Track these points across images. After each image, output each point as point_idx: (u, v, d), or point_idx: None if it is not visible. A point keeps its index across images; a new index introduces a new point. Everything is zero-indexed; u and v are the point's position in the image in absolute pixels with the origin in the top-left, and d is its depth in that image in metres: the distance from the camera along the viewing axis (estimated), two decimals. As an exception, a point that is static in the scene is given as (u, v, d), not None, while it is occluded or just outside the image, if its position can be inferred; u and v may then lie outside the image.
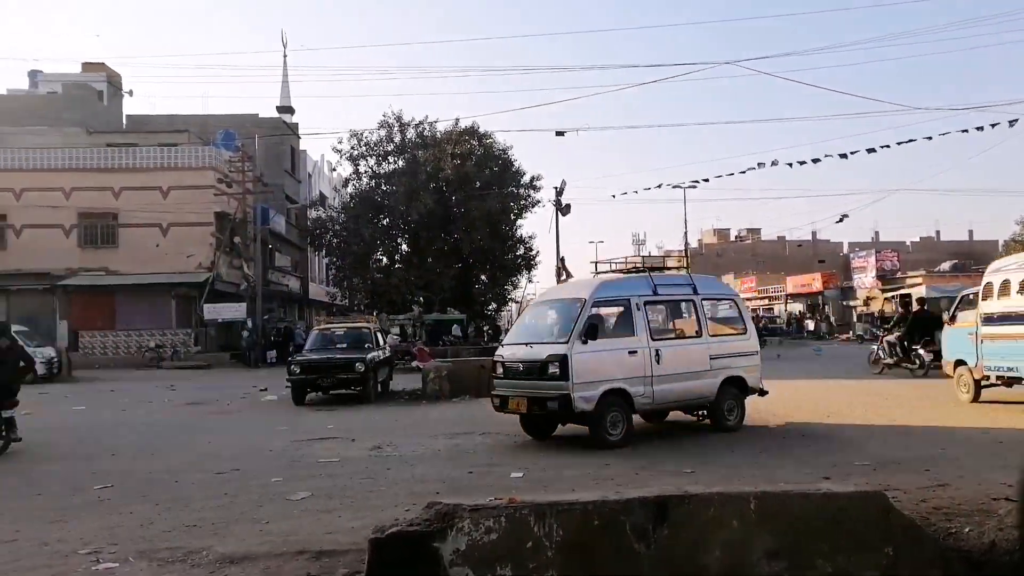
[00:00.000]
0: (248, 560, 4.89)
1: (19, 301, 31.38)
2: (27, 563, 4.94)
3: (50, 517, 6.19)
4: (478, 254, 36.32)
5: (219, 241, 32.61)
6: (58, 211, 31.74)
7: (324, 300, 45.76)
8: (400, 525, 3.86)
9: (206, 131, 37.33)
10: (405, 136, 36.65)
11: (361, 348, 16.23)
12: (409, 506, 5.73)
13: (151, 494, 6.98)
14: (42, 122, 36.84)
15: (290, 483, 7.32)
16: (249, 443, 10.21)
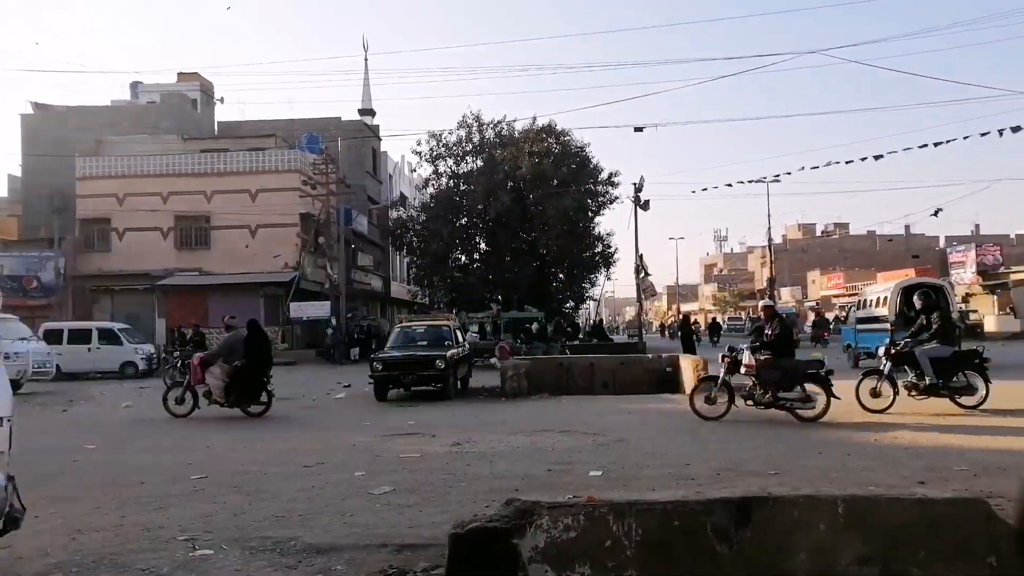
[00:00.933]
0: (333, 551, 5.03)
1: (122, 300, 33.24)
2: (133, 547, 5.22)
3: (152, 504, 6.51)
4: (555, 252, 36.28)
5: (304, 241, 33.66)
6: (156, 215, 33.44)
7: (405, 298, 46.61)
8: (479, 521, 3.90)
9: (292, 135, 38.62)
10: (483, 136, 36.94)
11: (441, 345, 16.45)
12: (488, 502, 5.78)
13: (242, 485, 7.26)
14: (142, 130, 38.84)
15: (373, 477, 7.49)
16: (333, 438, 10.49)
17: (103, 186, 33.91)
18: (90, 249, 34.31)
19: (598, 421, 11.31)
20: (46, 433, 11.70)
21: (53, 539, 5.46)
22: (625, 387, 16.17)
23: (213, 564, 4.82)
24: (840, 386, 10.69)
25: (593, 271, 40.20)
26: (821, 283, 67.59)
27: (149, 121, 40.47)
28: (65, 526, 5.80)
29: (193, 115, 43.91)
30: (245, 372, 12.78)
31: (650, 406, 13.51)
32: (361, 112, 48.63)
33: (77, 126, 38.91)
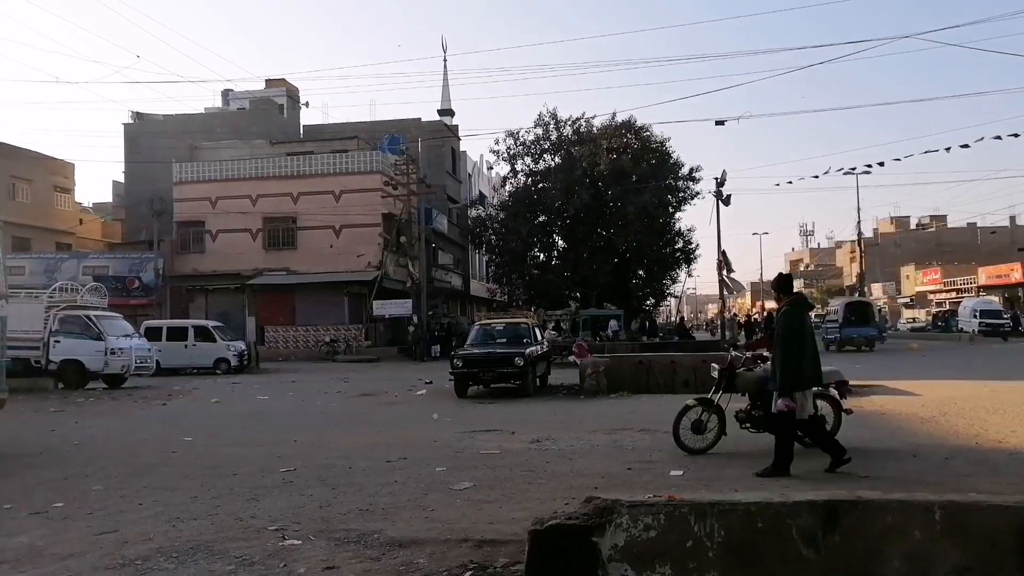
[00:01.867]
0: (415, 545, 5.13)
1: (215, 299, 34.73)
2: (227, 535, 5.46)
3: (244, 495, 6.78)
4: (635, 249, 35.90)
5: (386, 241, 34.37)
6: (246, 216, 34.78)
7: (484, 296, 46.99)
8: (559, 518, 3.89)
9: (373, 137, 39.49)
10: (561, 133, 36.86)
11: (520, 343, 16.52)
12: (568, 499, 5.77)
13: (328, 478, 7.48)
14: (233, 136, 40.46)
15: (454, 473, 7.59)
16: (415, 433, 10.68)
17: (197, 190, 35.49)
18: (186, 250, 35.96)
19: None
20: (148, 425, 12.35)
21: (155, 526, 5.76)
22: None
23: (301, 554, 4.98)
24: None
25: (673, 268, 39.61)
26: (916, 279, 64.56)
27: (239, 127, 42.10)
28: (166, 514, 6.11)
29: (280, 120, 45.43)
30: None
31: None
32: (440, 113, 49.31)
33: (174, 134, 40.84)
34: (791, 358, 6.89)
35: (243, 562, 4.82)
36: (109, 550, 5.14)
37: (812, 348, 7.11)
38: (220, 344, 25.86)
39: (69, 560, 4.95)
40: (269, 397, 16.92)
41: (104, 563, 4.86)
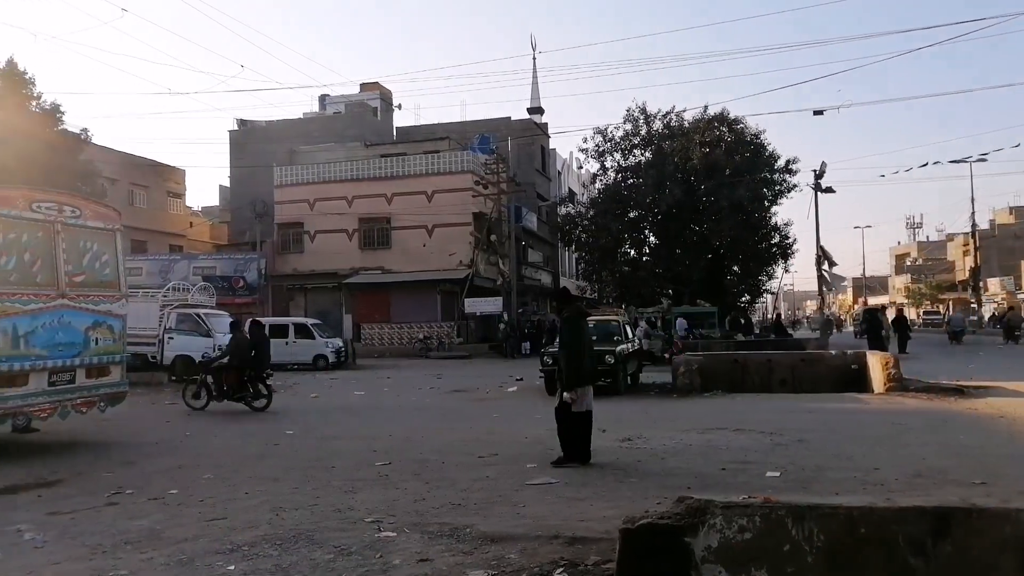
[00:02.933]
0: (507, 540, 5.18)
1: (314, 298, 36.02)
2: (326, 525, 5.67)
3: (343, 487, 7.02)
4: (729, 244, 35.01)
5: (477, 240, 34.79)
6: (343, 217, 35.89)
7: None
8: (651, 517, 3.85)
9: (464, 137, 40.01)
10: (651, 128, 36.31)
11: (610, 340, 16.40)
12: (660, 499, 5.70)
13: (422, 473, 7.65)
14: (329, 139, 41.81)
15: (544, 470, 7.62)
16: (506, 430, 10.77)
17: (296, 193, 36.86)
18: (287, 251, 37.43)
19: (776, 420, 10.80)
20: (252, 418, 12.94)
21: (260, 514, 6.03)
22: (805, 385, 15.34)
23: (396, 546, 5.11)
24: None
25: (769, 263, 38.40)
26: (1037, 272, 60.29)
27: (336, 130, 43.46)
28: (270, 503, 6.39)
29: (374, 122, 46.63)
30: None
31: (834, 406, 12.73)
32: (530, 111, 49.47)
33: (275, 139, 42.57)
34: (572, 360, 8.04)
35: (341, 552, 4.99)
36: (219, 535, 5.42)
37: (589, 351, 8.33)
38: (319, 341, 26.77)
39: (183, 544, 5.24)
40: (365, 393, 17.41)
41: (215, 548, 5.13)
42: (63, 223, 9.50)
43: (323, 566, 4.71)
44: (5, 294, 8.65)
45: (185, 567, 4.76)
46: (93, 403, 9.89)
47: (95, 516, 6.13)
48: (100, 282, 10.05)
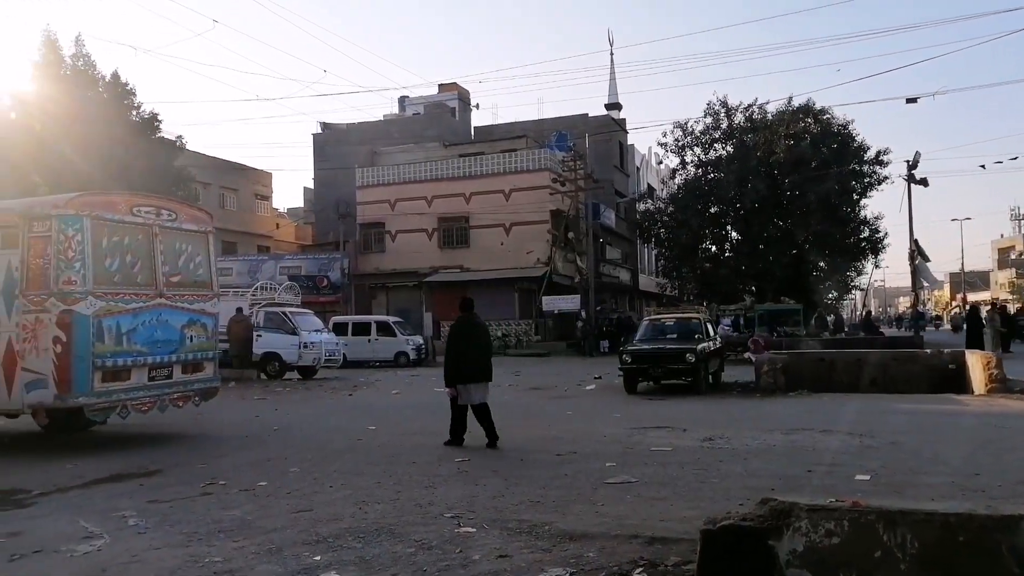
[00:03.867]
0: (585, 538, 5.16)
1: (395, 296, 36.75)
2: (408, 519, 5.77)
3: (423, 483, 7.13)
4: (815, 239, 33.87)
5: (555, 237, 34.77)
6: (422, 217, 36.49)
7: (654, 291, 46.30)
8: (733, 519, 3.77)
9: (541, 135, 40.04)
10: (732, 121, 35.46)
11: (691, 338, 16.12)
12: (742, 500, 5.58)
13: (501, 469, 7.70)
14: (409, 140, 42.56)
15: (623, 468, 7.55)
16: (585, 428, 10.73)
17: (378, 193, 37.67)
18: (368, 250, 38.31)
19: (866, 421, 10.41)
20: (336, 414, 13.30)
21: (344, 507, 6.20)
22: (897, 385, 14.72)
23: (476, 542, 5.17)
24: None
25: (858, 259, 36.95)
26: None
27: (415, 131, 44.21)
28: (353, 497, 6.56)
29: (452, 122, 47.19)
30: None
31: (929, 407, 12.17)
32: (607, 107, 49.11)
33: (356, 141, 43.62)
34: (449, 359, 9.46)
35: (422, 546, 5.07)
36: (305, 527, 5.60)
37: (473, 352, 9.41)
38: (400, 338, 27.30)
39: (272, 534, 5.44)
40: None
41: (301, 538, 5.30)
42: (161, 226, 9.99)
43: (404, 559, 4.80)
44: (109, 294, 9.16)
45: (274, 556, 4.93)
46: (188, 398, 10.37)
47: (191, 505, 6.42)
48: (194, 282, 10.52)
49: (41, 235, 8.92)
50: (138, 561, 4.88)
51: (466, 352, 9.40)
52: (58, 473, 7.90)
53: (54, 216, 8.93)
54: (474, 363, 9.38)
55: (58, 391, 8.70)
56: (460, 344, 9.48)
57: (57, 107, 24.08)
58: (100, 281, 9.05)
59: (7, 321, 8.94)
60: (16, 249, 9.01)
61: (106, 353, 9.01)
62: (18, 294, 8.91)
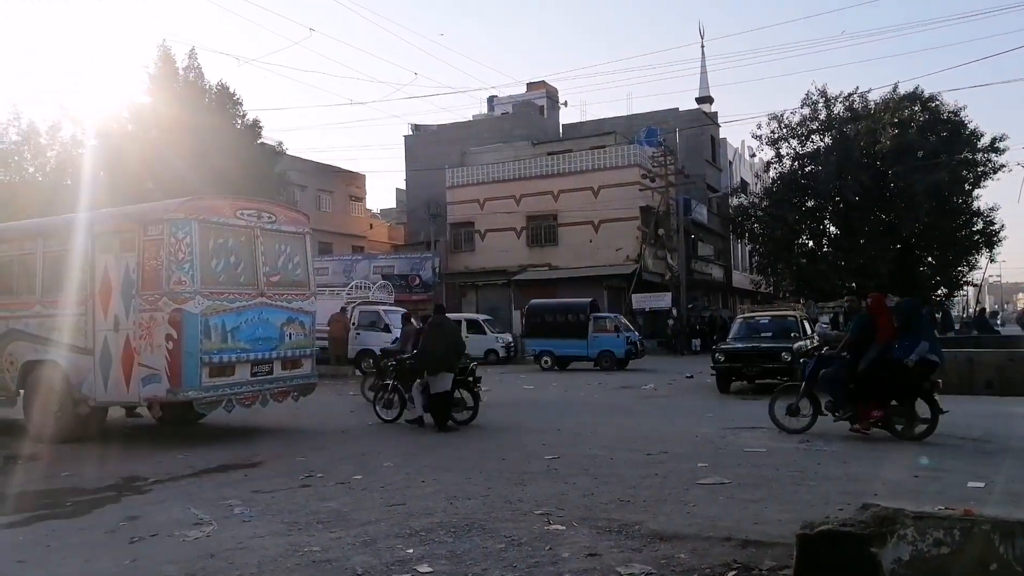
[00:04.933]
0: (677, 539, 5.08)
1: (484, 294, 37.10)
2: (498, 516, 5.83)
3: (513, 479, 7.19)
4: (922, 233, 32.17)
5: (644, 234, 34.33)
6: (511, 216, 36.70)
7: (747, 288, 45.10)
8: (832, 524, 3.64)
9: (630, 130, 39.58)
10: (831, 111, 34.10)
11: (787, 337, 15.63)
12: (842, 505, 5.37)
13: (590, 468, 7.67)
14: (498, 140, 42.88)
15: (716, 469, 7.40)
16: (676, 427, 10.57)
17: (467, 193, 38.15)
18: (458, 250, 38.85)
19: (980, 425, 9.84)
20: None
21: (435, 502, 6.32)
22: (1017, 387, 13.80)
23: (565, 539, 5.17)
24: None
25: (971, 252, 34.88)
26: None
27: (504, 130, 44.50)
28: (444, 492, 6.68)
29: (541, 121, 47.26)
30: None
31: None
32: (698, 100, 48.12)
33: (446, 141, 44.30)
34: (423, 352, 10.84)
35: (512, 542, 5.11)
36: (398, 520, 5.74)
37: (443, 347, 10.66)
38: (490, 336, 27.57)
39: (367, 526, 5.60)
40: (534, 387, 17.71)
41: (395, 531, 5.44)
42: (261, 228, 10.43)
43: (494, 555, 4.85)
44: (215, 293, 9.64)
45: (368, 547, 5.07)
46: (288, 393, 10.78)
47: (291, 496, 6.69)
48: (293, 281, 10.93)
49: (154, 238, 9.47)
50: (243, 548, 5.12)
51: (437, 347, 10.69)
52: (171, 463, 8.38)
53: (166, 220, 9.45)
54: (444, 355, 10.68)
55: (170, 385, 9.21)
56: (431, 340, 10.79)
57: (170, 117, 25.50)
58: (207, 281, 9.53)
59: (125, 320, 9.54)
60: (133, 252, 9.60)
61: (213, 350, 9.48)
62: (135, 294, 9.49)
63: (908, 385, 8.71)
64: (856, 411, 9.02)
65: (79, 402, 9.84)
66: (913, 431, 8.77)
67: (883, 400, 8.87)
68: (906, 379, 8.65)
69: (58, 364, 9.94)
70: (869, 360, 8.90)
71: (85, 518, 6.16)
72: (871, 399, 8.89)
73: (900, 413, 8.85)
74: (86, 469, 8.16)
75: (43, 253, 10.42)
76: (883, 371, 8.78)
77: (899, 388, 8.79)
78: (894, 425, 8.89)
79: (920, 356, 8.57)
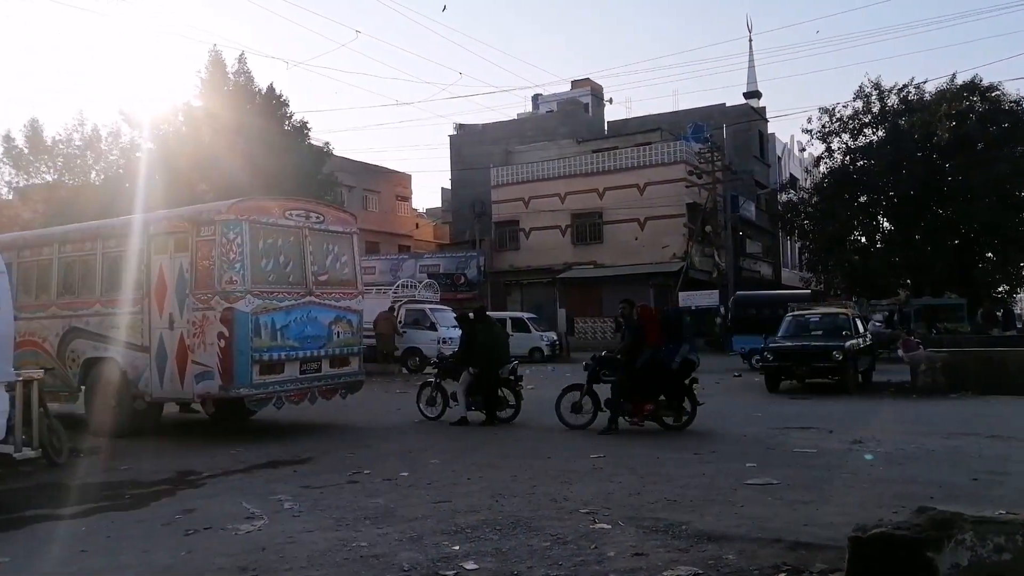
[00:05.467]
0: (724, 540, 5.02)
1: (529, 293, 37.12)
2: (543, 514, 5.83)
3: (558, 478, 7.18)
4: (982, 228, 31.12)
5: (691, 231, 33.95)
6: (556, 214, 36.64)
7: (797, 285, 44.31)
8: (886, 527, 3.56)
9: (676, 127, 39.16)
10: (885, 104, 33.22)
11: (838, 335, 15.30)
12: (896, 508, 5.24)
13: (637, 467, 7.61)
14: (543, 138, 42.84)
15: (765, 470, 7.28)
16: (724, 427, 10.43)
17: (512, 192, 38.20)
18: (503, 248, 38.92)
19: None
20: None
21: (481, 500, 6.35)
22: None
23: (611, 538, 5.14)
24: None
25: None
26: None
27: (548, 129, 44.44)
28: (489, 489, 6.70)
29: (586, 118, 47.06)
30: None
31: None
32: (746, 95, 47.39)
33: (491, 140, 44.42)
34: (468, 349, 11.24)
35: (557, 540, 5.11)
36: (445, 517, 5.78)
37: (490, 343, 11.19)
38: (534, 334, 27.56)
39: (414, 522, 5.66)
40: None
41: (441, 528, 5.48)
42: (310, 228, 10.61)
43: (540, 553, 4.85)
44: (265, 292, 9.83)
45: (415, 544, 5.12)
46: (335, 390, 10.95)
47: (339, 492, 6.79)
48: (340, 281, 11.10)
49: (207, 239, 9.70)
50: (293, 542, 5.21)
51: (474, 347, 11.20)
52: (223, 458, 8.58)
53: (217, 221, 9.68)
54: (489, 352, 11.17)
55: (222, 382, 9.43)
56: (475, 338, 11.25)
57: (221, 120, 26.11)
58: (257, 280, 9.73)
59: (179, 318, 9.80)
60: (187, 253, 9.85)
61: (263, 347, 9.67)
62: (188, 293, 9.74)
63: (674, 383, 9.89)
64: (632, 406, 9.99)
65: (136, 398, 10.15)
66: (682, 421, 9.99)
67: (654, 396, 9.96)
68: (671, 378, 9.85)
69: (116, 361, 10.27)
70: (643, 361, 9.93)
71: (143, 510, 6.36)
72: (644, 395, 9.94)
73: (668, 407, 10.01)
74: (143, 463, 8.41)
75: (102, 254, 10.77)
76: (653, 371, 9.87)
77: (666, 385, 9.93)
78: (663, 418, 10.02)
79: (682, 357, 9.86)
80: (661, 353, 9.88)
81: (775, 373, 15.06)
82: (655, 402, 9.97)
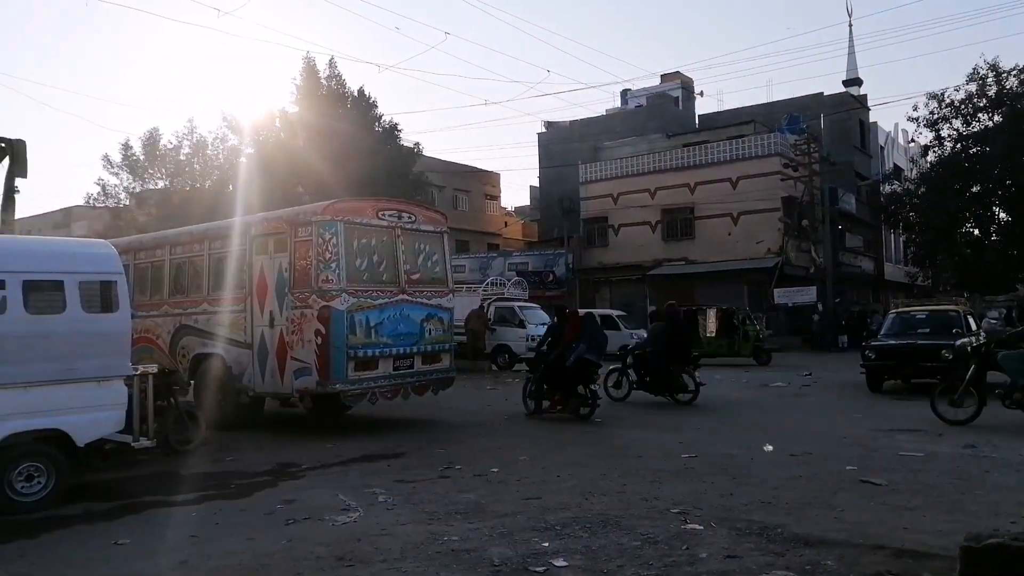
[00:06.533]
0: (823, 545, 4.85)
1: (618, 290, 36.81)
2: (632, 512, 5.79)
3: (648, 477, 7.10)
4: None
5: (787, 226, 32.85)
6: (646, 210, 36.16)
7: (902, 281, 42.18)
8: (1002, 537, 3.36)
9: (771, 118, 37.97)
10: (1003, 87, 31.16)
11: (948, 333, 14.47)
12: (1015, 517, 4.93)
13: (730, 468, 7.44)
14: (632, 133, 42.35)
15: (866, 473, 6.98)
16: (822, 427, 10.07)
17: (601, 188, 37.92)
18: (592, 245, 38.70)
19: None
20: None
21: (571, 497, 6.35)
22: None
23: (703, 539, 5.05)
24: None
25: None
26: None
27: (637, 124, 43.88)
28: (579, 487, 6.69)
29: (675, 112, 46.23)
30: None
31: None
32: (846, 83, 45.46)
33: (580, 137, 44.23)
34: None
35: (648, 540, 5.05)
36: (534, 513, 5.81)
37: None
38: (624, 332, 27.22)
39: (504, 518, 5.71)
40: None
41: (531, 524, 5.51)
42: (402, 228, 10.85)
43: (630, 552, 4.81)
44: (360, 290, 10.12)
45: (505, 539, 5.17)
46: (427, 387, 11.16)
47: (431, 486, 6.92)
48: (431, 279, 11.30)
49: (304, 239, 10.07)
50: (387, 534, 5.36)
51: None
52: (320, 451, 8.89)
53: (314, 222, 10.03)
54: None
55: (319, 378, 9.77)
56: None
57: (315, 124, 27.04)
58: (352, 279, 10.03)
59: (279, 316, 10.21)
60: (285, 253, 10.26)
61: (358, 344, 9.96)
62: (287, 292, 10.14)
63: (573, 378, 11.13)
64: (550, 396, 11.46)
65: (240, 392, 10.64)
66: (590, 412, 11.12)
67: (561, 389, 11.29)
68: (569, 374, 11.11)
69: (222, 357, 10.80)
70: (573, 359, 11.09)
71: (246, 500, 6.67)
72: (556, 389, 11.37)
73: (577, 399, 11.16)
74: (246, 455, 8.82)
75: (209, 255, 11.35)
76: (559, 368, 11.21)
77: (568, 380, 11.18)
78: (576, 408, 11.15)
79: (577, 356, 11.01)
80: (570, 352, 11.11)
81: (878, 373, 14.40)
82: (561, 395, 11.32)
